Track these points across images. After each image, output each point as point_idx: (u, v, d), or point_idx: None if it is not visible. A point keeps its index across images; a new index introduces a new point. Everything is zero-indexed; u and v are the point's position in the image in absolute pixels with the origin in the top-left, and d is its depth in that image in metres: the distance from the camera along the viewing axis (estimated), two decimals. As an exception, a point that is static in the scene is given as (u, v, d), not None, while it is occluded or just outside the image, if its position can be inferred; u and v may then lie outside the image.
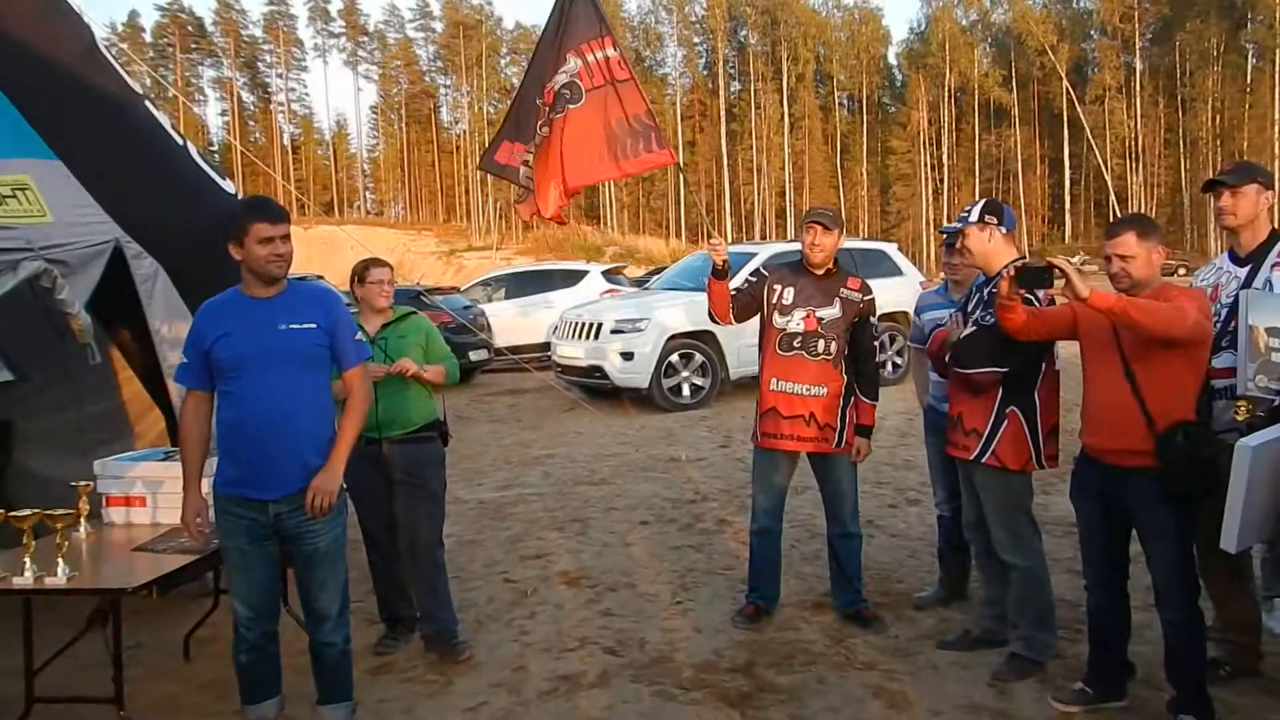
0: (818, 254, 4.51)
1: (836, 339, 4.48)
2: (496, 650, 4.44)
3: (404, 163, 79.53)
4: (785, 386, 4.50)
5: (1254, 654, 3.88)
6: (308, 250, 45.48)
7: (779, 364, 4.54)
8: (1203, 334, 3.29)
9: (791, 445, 4.54)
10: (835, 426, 4.50)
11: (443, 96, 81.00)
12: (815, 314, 4.48)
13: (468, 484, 7.97)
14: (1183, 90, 66.89)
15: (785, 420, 4.50)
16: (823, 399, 4.47)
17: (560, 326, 12.56)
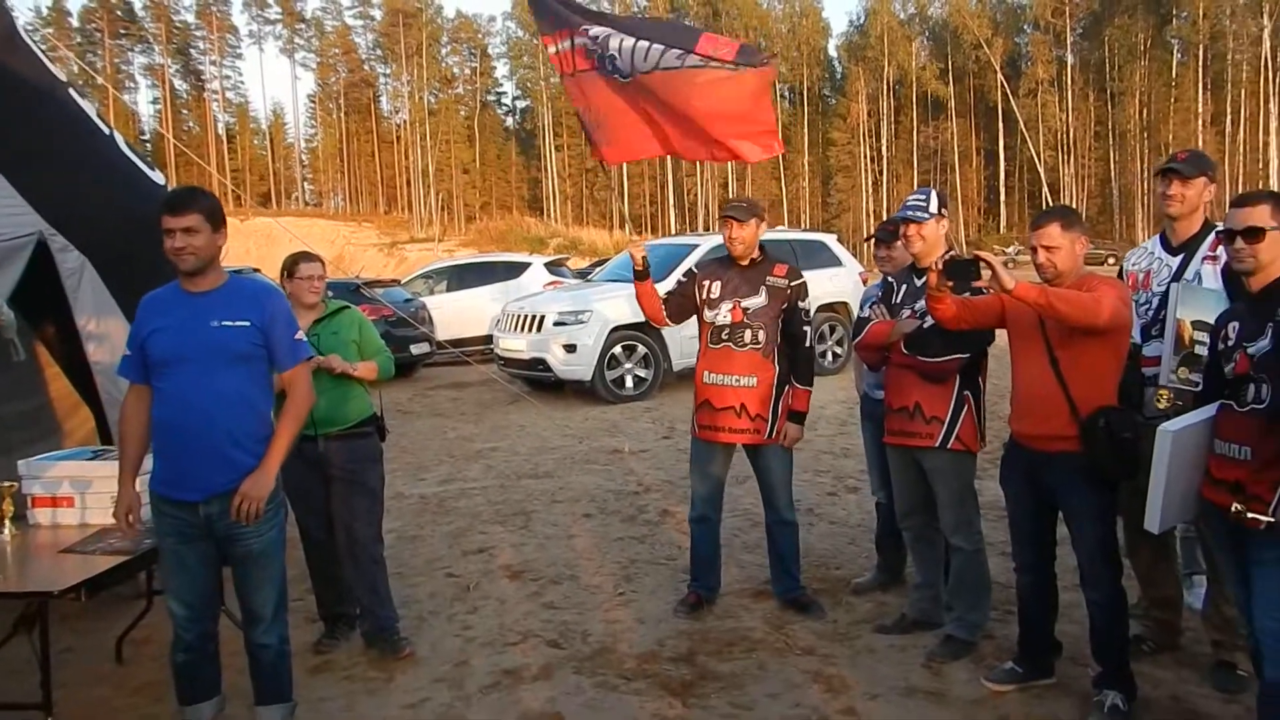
0: (738, 246, 4.54)
1: (765, 328, 4.48)
2: (438, 646, 4.42)
3: (343, 153, 78.33)
4: (716, 379, 4.54)
5: (1175, 630, 4.03)
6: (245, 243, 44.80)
7: (710, 357, 4.58)
8: (1122, 322, 3.38)
9: (724, 437, 4.57)
10: (767, 417, 4.52)
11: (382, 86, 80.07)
12: (741, 305, 4.50)
13: (409, 479, 7.92)
14: (1111, 84, 68.46)
15: (718, 412, 4.53)
16: (753, 390, 4.49)
17: (503, 319, 12.50)
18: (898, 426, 4.10)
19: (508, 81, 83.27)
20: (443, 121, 73.14)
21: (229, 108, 79.88)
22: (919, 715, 3.56)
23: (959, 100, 71.89)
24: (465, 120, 76.34)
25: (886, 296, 4.26)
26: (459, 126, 75.29)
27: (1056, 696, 3.65)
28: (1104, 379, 3.42)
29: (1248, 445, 2.87)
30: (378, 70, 79.56)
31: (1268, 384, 2.82)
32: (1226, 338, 3.03)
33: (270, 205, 71.49)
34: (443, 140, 72.25)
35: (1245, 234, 2.93)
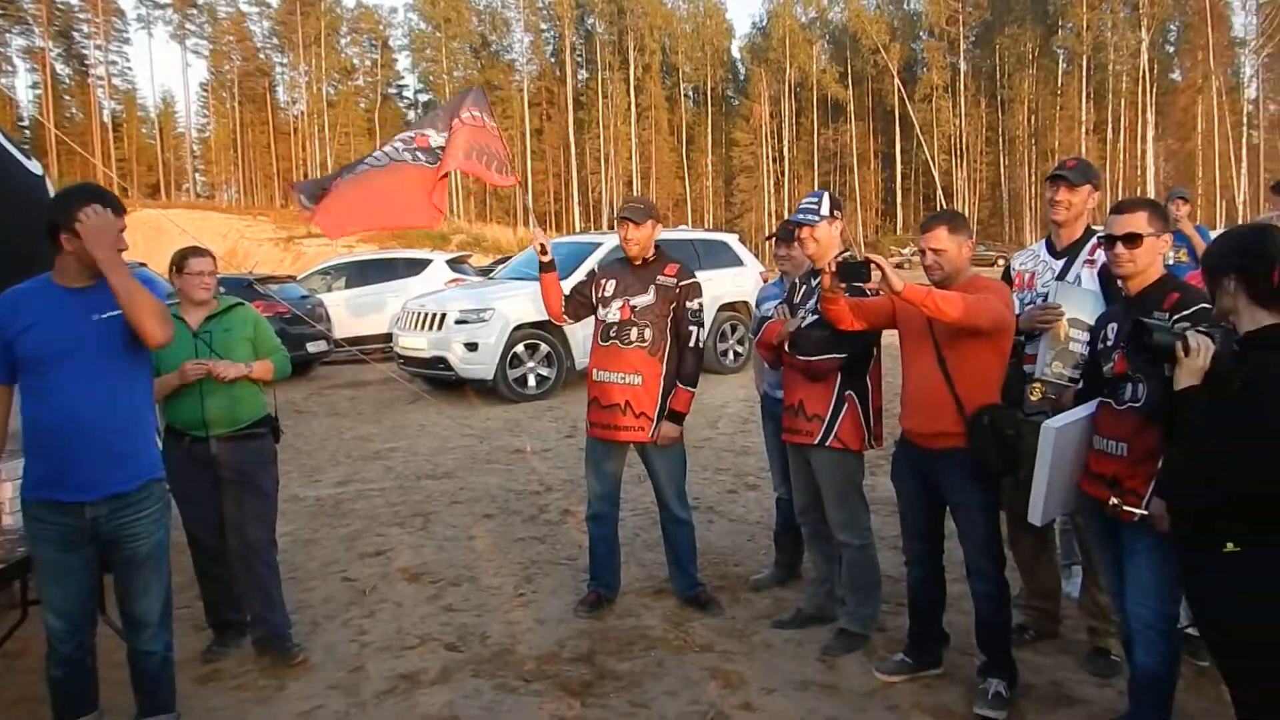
0: (633, 247, 4.58)
1: (651, 326, 4.52)
2: (333, 651, 4.34)
3: (237, 144, 75.87)
4: (604, 376, 4.57)
5: (1055, 618, 4.21)
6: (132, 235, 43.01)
7: (599, 354, 4.62)
8: (1005, 324, 3.51)
9: (611, 434, 4.59)
10: (652, 416, 4.55)
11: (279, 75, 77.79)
12: (630, 303, 4.54)
13: (305, 481, 7.75)
14: (1002, 91, 70.87)
15: (604, 409, 4.57)
16: (638, 387, 4.52)
17: (403, 317, 12.30)
18: (788, 423, 4.19)
19: (410, 74, 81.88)
20: (342, 113, 71.64)
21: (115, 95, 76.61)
22: (813, 708, 3.63)
23: (858, 104, 73.48)
24: (365, 113, 74.80)
25: (789, 296, 4.34)
26: (359, 119, 73.77)
27: (944, 685, 3.77)
28: (988, 378, 3.55)
29: (1124, 441, 3.02)
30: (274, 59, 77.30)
31: (1144, 383, 2.97)
32: (1105, 338, 3.18)
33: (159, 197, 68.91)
34: (342, 133, 70.79)
35: (1125, 240, 3.08)
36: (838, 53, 75.78)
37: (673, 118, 76.06)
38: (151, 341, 3.05)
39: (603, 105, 72.01)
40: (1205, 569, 2.60)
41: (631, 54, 72.24)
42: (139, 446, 3.16)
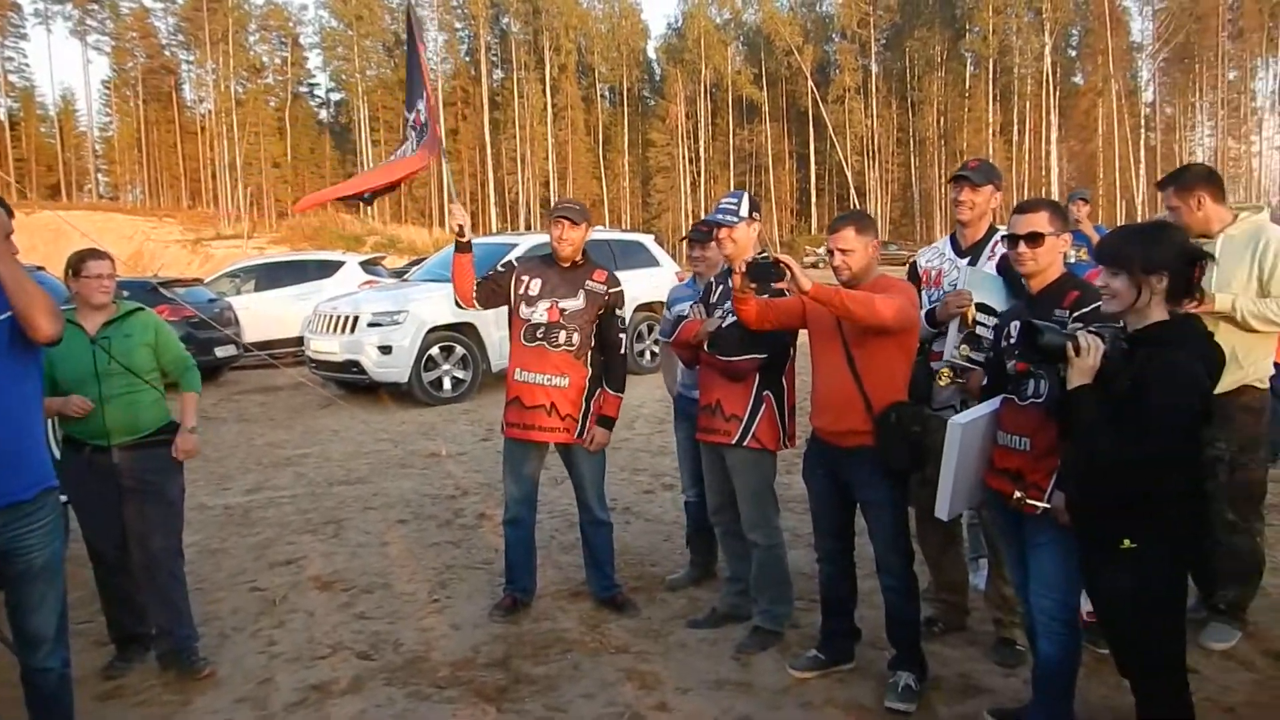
0: (567, 248, 4.56)
1: (579, 330, 4.54)
2: (241, 663, 4.23)
3: (142, 143, 73.49)
4: (528, 377, 4.54)
5: (962, 611, 4.31)
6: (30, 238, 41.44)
7: (523, 354, 4.57)
8: (910, 322, 3.58)
9: (535, 435, 4.58)
10: (577, 417, 4.57)
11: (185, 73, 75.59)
12: (559, 305, 4.53)
13: (213, 489, 7.55)
14: (912, 93, 72.47)
15: (527, 410, 4.54)
16: (564, 390, 4.53)
17: (314, 320, 12.06)
18: (704, 423, 4.21)
19: (321, 73, 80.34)
20: (251, 112, 69.84)
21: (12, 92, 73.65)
22: (727, 706, 3.66)
23: (772, 105, 74.37)
24: (275, 112, 73.17)
25: (705, 296, 4.36)
26: (269, 118, 72.10)
27: (856, 680, 3.83)
28: (895, 376, 3.62)
29: (1027, 436, 3.10)
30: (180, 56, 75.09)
31: (1045, 380, 3.06)
32: (1009, 336, 3.26)
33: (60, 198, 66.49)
34: (251, 132, 69.05)
35: (1027, 239, 3.17)
36: (752, 54, 76.57)
37: (589, 118, 75.99)
38: (40, 335, 2.92)
39: (519, 105, 71.59)
40: (1103, 565, 2.69)
41: (547, 54, 71.97)
42: (33, 453, 3.04)
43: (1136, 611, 2.67)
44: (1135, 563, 2.61)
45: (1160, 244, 2.67)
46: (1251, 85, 70.16)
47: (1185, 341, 2.61)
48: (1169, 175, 4.17)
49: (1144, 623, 2.68)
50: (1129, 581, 2.63)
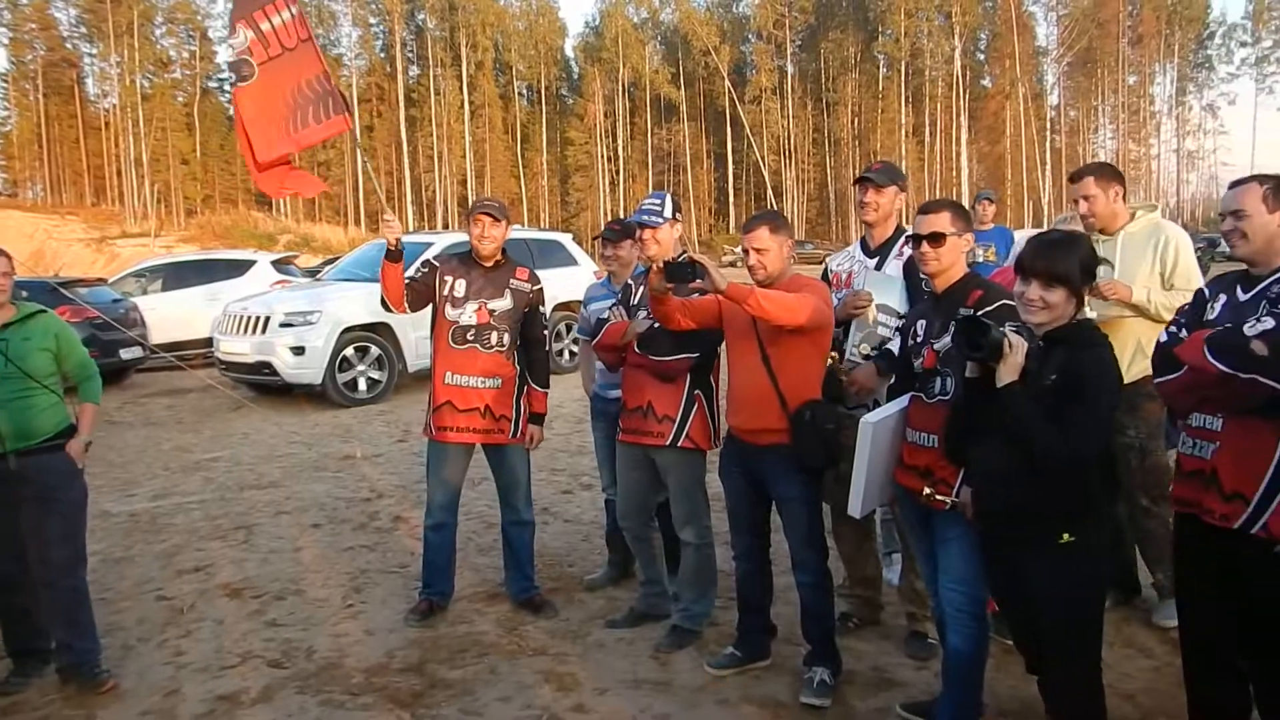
0: (488, 245, 4.52)
1: (509, 330, 4.54)
2: (147, 675, 4.11)
3: (43, 138, 70.72)
4: (460, 380, 4.49)
5: (876, 606, 4.39)
6: (-83, 237, 39.73)
7: (453, 357, 4.52)
8: (824, 321, 3.63)
9: (469, 437, 4.54)
10: (510, 417, 4.56)
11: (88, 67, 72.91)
12: (487, 306, 4.50)
13: (118, 495, 7.31)
14: (827, 94, 73.57)
15: (461, 413, 4.49)
16: (496, 390, 4.51)
17: (224, 320, 11.76)
18: (632, 425, 4.19)
19: (231, 68, 78.27)
20: (158, 107, 67.72)
21: (-98, 84, 70.40)
22: (645, 705, 3.66)
23: (690, 104, 74.78)
24: (184, 107, 71.09)
25: (625, 298, 4.36)
26: (176, 113, 70.00)
27: (772, 676, 3.87)
28: (810, 374, 3.67)
29: (935, 433, 3.16)
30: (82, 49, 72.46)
31: (951, 377, 3.12)
32: (915, 334, 3.32)
33: (-48, 194, 63.77)
34: (158, 128, 66.95)
35: (929, 239, 3.22)
36: (670, 54, 76.87)
37: (507, 116, 75.49)
38: None
39: (435, 102, 70.75)
40: (1037, 561, 2.74)
41: (464, 51, 71.23)
42: None
43: (1071, 604, 2.73)
44: (1074, 555, 2.68)
45: (1086, 254, 2.77)
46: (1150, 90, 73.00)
47: (1101, 340, 2.74)
48: (1088, 166, 4.33)
49: (1077, 614, 2.76)
50: (1070, 575, 2.70)
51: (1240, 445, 2.72)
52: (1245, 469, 2.70)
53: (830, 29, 72.70)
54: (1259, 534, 2.67)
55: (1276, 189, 2.79)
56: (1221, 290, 2.94)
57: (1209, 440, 2.82)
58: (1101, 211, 4.16)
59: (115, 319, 12.79)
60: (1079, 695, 2.80)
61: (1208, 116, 77.95)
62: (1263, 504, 2.67)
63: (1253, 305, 2.76)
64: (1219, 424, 2.78)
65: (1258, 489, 2.67)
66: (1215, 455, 2.78)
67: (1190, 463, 2.89)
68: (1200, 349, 2.67)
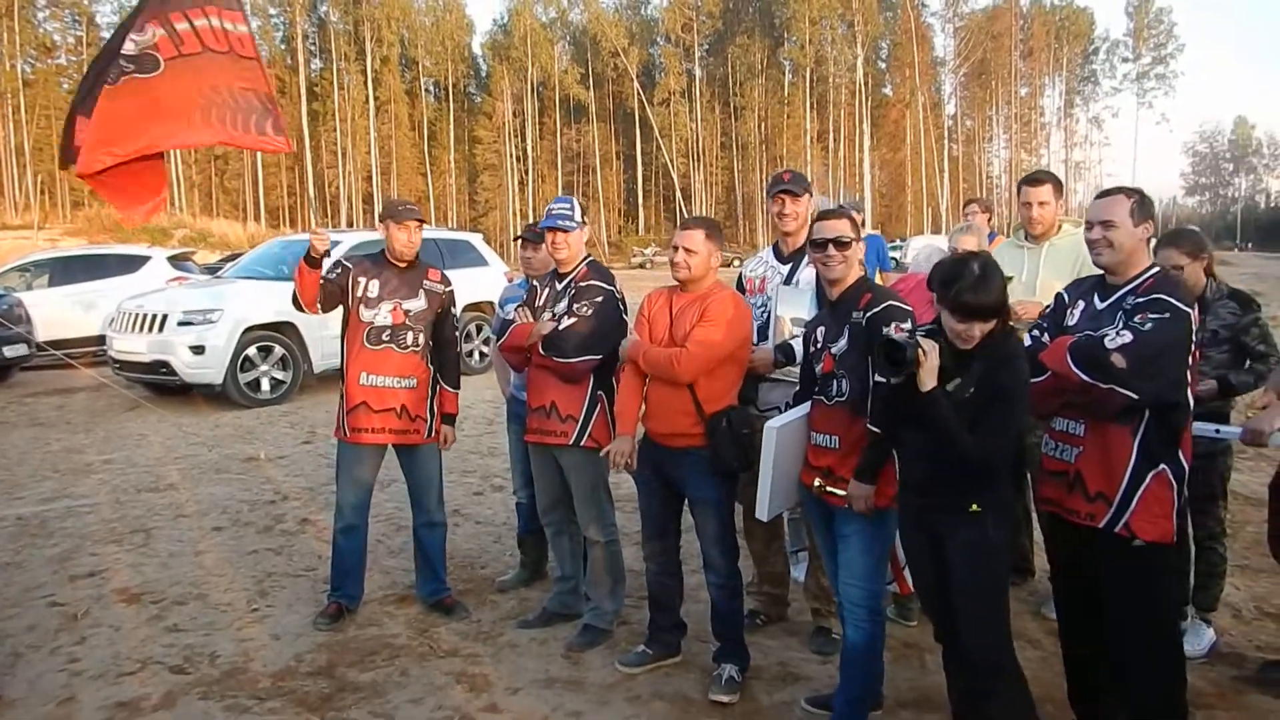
0: (411, 250, 4.55)
1: (423, 330, 4.54)
2: (38, 683, 3.97)
3: (-89, 124, 67.28)
4: (375, 380, 4.46)
5: (783, 603, 4.51)
6: None
7: (368, 357, 4.48)
8: (739, 340, 3.74)
9: (384, 438, 4.52)
10: (425, 417, 4.56)
11: (-37, 50, 69.60)
12: (402, 306, 4.49)
13: (2, 498, 7.03)
14: (735, 99, 74.41)
15: (376, 414, 4.46)
16: (413, 390, 4.51)
17: (118, 318, 11.37)
18: (536, 425, 4.21)
19: (122, 55, 75.46)
20: (42, 94, 64.95)
21: None
22: (557, 704, 3.69)
23: (599, 105, 74.85)
24: (69, 94, 68.21)
25: (530, 299, 4.37)
26: (61, 101, 67.11)
27: (683, 673, 3.93)
28: (726, 384, 3.74)
29: (836, 434, 3.29)
30: (-42, 33, 69.17)
31: (848, 379, 3.24)
32: (815, 340, 3.44)
33: None
34: (42, 115, 64.19)
35: (835, 243, 3.31)
36: (579, 54, 76.71)
37: (413, 112, 74.38)
38: None
39: (339, 97, 69.35)
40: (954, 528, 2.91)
41: (368, 45, 69.96)
42: None
43: (980, 566, 2.90)
44: (981, 524, 2.87)
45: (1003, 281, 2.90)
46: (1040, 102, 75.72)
47: (1017, 350, 2.90)
48: (1046, 172, 4.55)
49: (986, 576, 2.92)
50: (978, 541, 2.89)
51: (1101, 449, 2.93)
52: (1106, 471, 2.92)
53: (737, 34, 73.52)
54: (1120, 532, 2.89)
55: (1142, 202, 2.99)
56: (1080, 296, 3.14)
57: (1072, 444, 3.02)
58: (1049, 219, 4.37)
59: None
60: (991, 649, 2.93)
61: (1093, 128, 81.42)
62: (1123, 504, 2.89)
63: (1109, 314, 2.95)
64: (1081, 429, 2.99)
65: (1118, 490, 2.89)
66: (1079, 459, 2.99)
67: (1053, 464, 3.09)
68: (1064, 356, 2.87)
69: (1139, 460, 2.87)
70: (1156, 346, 2.76)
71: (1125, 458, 2.88)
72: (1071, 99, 78.38)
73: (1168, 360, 2.81)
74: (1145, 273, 2.96)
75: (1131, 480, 2.87)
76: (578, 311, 4.03)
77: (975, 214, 6.49)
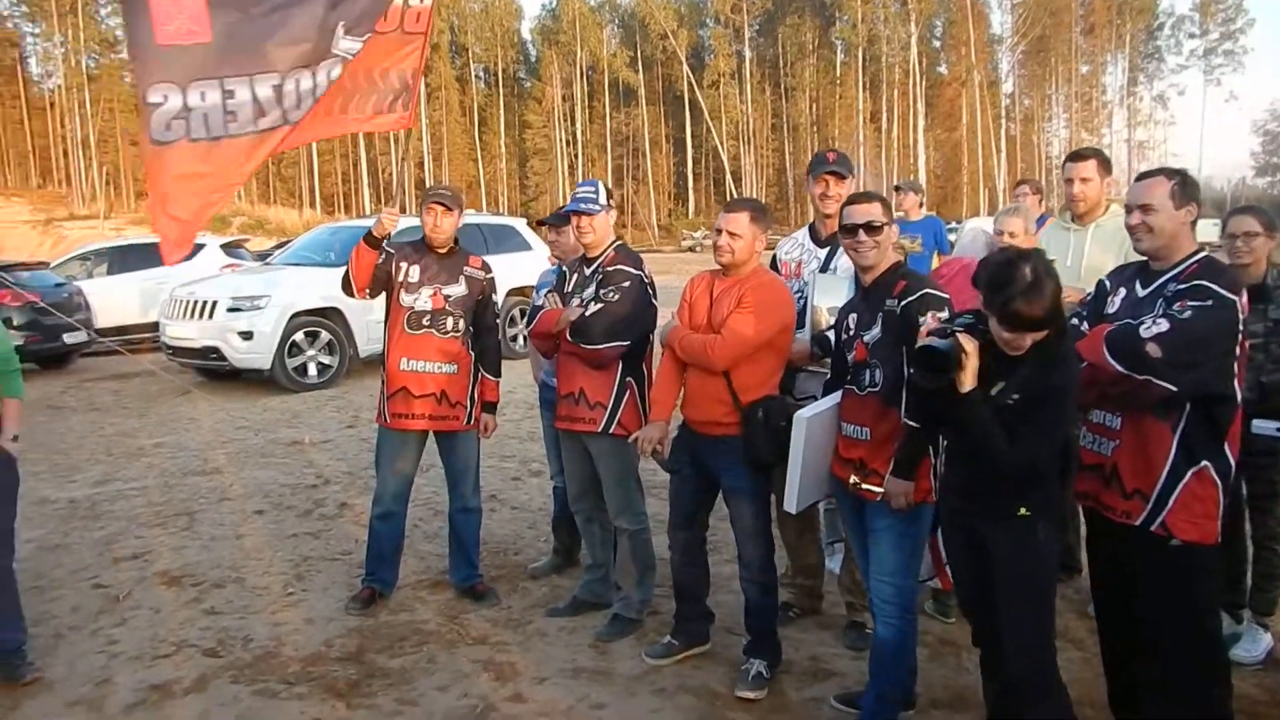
0: (440, 235, 4.51)
1: (463, 316, 4.52)
2: (77, 665, 4.05)
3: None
4: (415, 365, 4.47)
5: (817, 595, 4.41)
6: None
7: (408, 343, 4.48)
8: (781, 326, 3.64)
9: (423, 424, 4.52)
10: (464, 403, 4.54)
11: (30, 46, 71.09)
12: (442, 291, 4.48)
13: (58, 481, 7.18)
14: (785, 79, 73.55)
15: (416, 399, 4.46)
16: (454, 376, 4.50)
17: (170, 305, 11.57)
18: (565, 412, 4.18)
19: (180, 46, 76.73)
20: (106, 88, 66.25)
21: None
22: (583, 694, 3.66)
23: (649, 88, 74.44)
24: (131, 87, 69.47)
25: (559, 284, 4.33)
26: (125, 94, 68.34)
27: (710, 666, 3.88)
28: (765, 373, 3.65)
29: (867, 426, 3.18)
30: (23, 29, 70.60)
31: (880, 368, 3.13)
32: (847, 328, 3.33)
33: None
34: (106, 109, 65.52)
35: (866, 228, 3.20)
36: (628, 37, 76.36)
37: (464, 98, 74.64)
38: None
39: (392, 84, 69.75)
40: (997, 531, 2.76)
41: (421, 31, 70.28)
42: None
43: (1026, 571, 2.75)
44: (1030, 527, 2.72)
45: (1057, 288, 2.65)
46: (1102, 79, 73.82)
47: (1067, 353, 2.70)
48: (1091, 149, 4.40)
49: (1031, 581, 2.77)
50: (1026, 544, 2.73)
51: (1138, 443, 2.80)
52: (1143, 467, 2.78)
53: (788, 14, 72.58)
54: (1157, 531, 2.75)
55: (1184, 184, 2.82)
56: (1121, 284, 2.99)
57: (1109, 438, 2.89)
58: (1093, 197, 4.22)
59: (58, 303, 12.54)
60: (1033, 660, 2.79)
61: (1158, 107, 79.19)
62: (1160, 502, 2.75)
63: (1149, 302, 2.80)
64: (1118, 422, 2.86)
65: (1155, 487, 2.75)
66: (1115, 453, 2.86)
67: (1090, 457, 2.96)
68: (1100, 346, 2.72)
69: (1178, 456, 2.73)
70: (1195, 336, 2.62)
71: (1164, 453, 2.74)
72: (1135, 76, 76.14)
73: (1208, 351, 2.66)
74: (1189, 258, 2.80)
75: (1170, 477, 2.74)
76: (605, 297, 3.99)
77: (1025, 195, 6.21)
